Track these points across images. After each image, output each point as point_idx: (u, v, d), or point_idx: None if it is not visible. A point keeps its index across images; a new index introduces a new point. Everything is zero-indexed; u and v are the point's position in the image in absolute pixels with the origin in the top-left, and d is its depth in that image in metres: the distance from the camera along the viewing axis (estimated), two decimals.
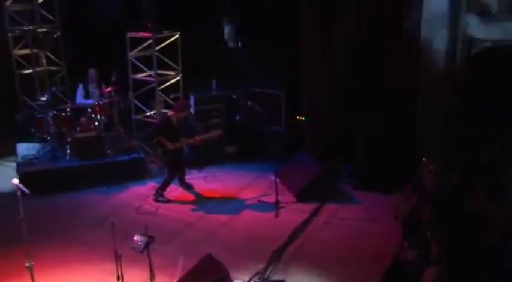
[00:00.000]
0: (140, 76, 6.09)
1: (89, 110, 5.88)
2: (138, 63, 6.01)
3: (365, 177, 5.18)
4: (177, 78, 6.15)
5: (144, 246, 3.31)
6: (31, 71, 6.46)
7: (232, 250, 4.13)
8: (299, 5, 5.54)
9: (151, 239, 3.34)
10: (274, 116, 5.91)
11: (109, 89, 5.91)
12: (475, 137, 4.43)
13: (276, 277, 3.78)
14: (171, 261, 3.95)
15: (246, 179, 5.58)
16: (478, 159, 4.30)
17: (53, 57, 6.67)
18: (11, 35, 6.47)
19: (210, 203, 5.08)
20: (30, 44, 6.40)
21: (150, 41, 5.85)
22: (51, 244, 4.30)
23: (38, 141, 5.93)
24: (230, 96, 6.28)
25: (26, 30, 6.39)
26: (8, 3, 6.34)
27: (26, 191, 3.46)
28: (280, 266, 3.91)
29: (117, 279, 3.37)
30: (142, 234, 3.34)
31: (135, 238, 3.35)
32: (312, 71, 5.68)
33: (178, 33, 6.01)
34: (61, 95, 6.38)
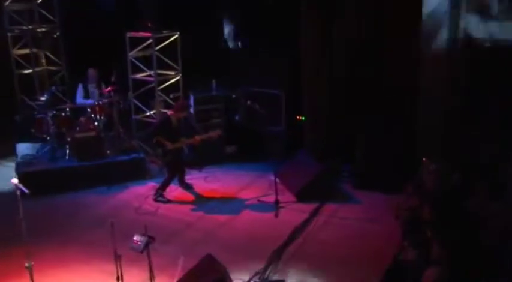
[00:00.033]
0: (140, 76, 6.08)
1: (88, 110, 5.87)
2: (138, 63, 6.00)
3: (365, 177, 5.18)
4: (177, 78, 6.15)
5: (143, 246, 3.30)
6: (30, 71, 6.45)
7: (232, 250, 4.12)
8: (299, 5, 5.54)
9: (151, 239, 3.33)
10: (274, 116, 5.90)
11: (109, 88, 5.89)
12: (475, 137, 4.43)
13: (276, 277, 3.77)
14: (171, 261, 3.95)
15: (245, 179, 5.57)
16: (478, 159, 4.29)
17: (52, 57, 6.66)
18: (10, 34, 6.46)
19: (210, 203, 5.07)
20: (29, 44, 6.39)
21: (150, 40, 5.84)
22: (51, 244, 4.30)
23: (37, 141, 5.92)
24: (230, 96, 6.27)
25: (25, 30, 6.37)
26: (7, 3, 6.33)
27: (26, 191, 3.46)
28: (280, 266, 3.91)
29: (117, 279, 3.36)
30: (142, 234, 3.34)
31: (135, 238, 3.34)
32: (312, 71, 5.68)
33: (178, 33, 6.01)
34: (60, 95, 6.37)
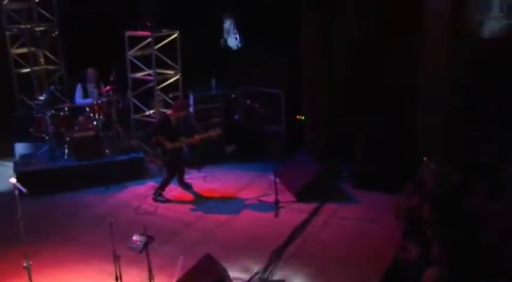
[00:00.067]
0: (139, 75, 6.06)
1: (87, 109, 5.85)
2: (137, 62, 5.98)
3: (365, 177, 5.17)
4: (176, 77, 6.13)
5: (142, 246, 3.28)
6: (29, 70, 6.41)
7: (231, 250, 4.11)
8: (299, 5, 5.54)
9: (150, 238, 3.32)
10: (274, 116, 5.88)
11: (108, 88, 5.86)
12: (475, 137, 4.43)
13: (276, 277, 3.76)
14: (170, 261, 3.95)
15: (245, 179, 5.56)
16: (478, 159, 4.29)
17: (51, 56, 6.63)
18: (8, 33, 6.42)
19: (209, 203, 5.05)
20: (28, 43, 6.35)
21: (149, 39, 5.82)
22: (50, 244, 4.27)
23: (36, 140, 5.89)
24: (229, 95, 6.25)
25: (23, 29, 6.34)
26: (5, 2, 6.29)
27: (24, 190, 3.43)
28: (280, 266, 3.89)
29: (116, 279, 3.34)
30: (141, 234, 3.32)
31: (134, 238, 3.33)
32: (312, 71, 5.67)
33: (177, 32, 5.99)
34: (59, 94, 6.34)
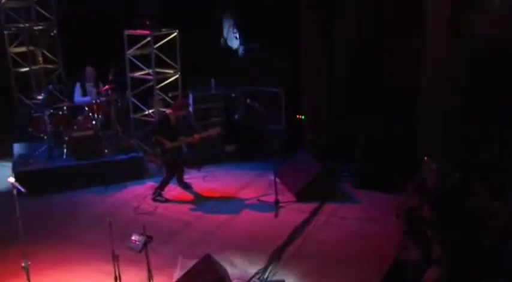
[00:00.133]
0: (138, 74, 6.04)
1: (86, 108, 5.82)
2: (136, 62, 5.96)
3: (365, 177, 5.17)
4: (176, 76, 6.11)
5: (142, 246, 3.26)
6: (27, 69, 6.39)
7: (231, 250, 4.09)
8: (299, 5, 5.53)
9: (149, 238, 3.30)
10: (274, 115, 5.86)
11: (107, 87, 5.84)
12: (475, 137, 4.43)
13: (276, 277, 3.75)
14: (170, 261, 3.94)
15: (245, 179, 5.54)
16: (478, 159, 4.29)
17: (49, 55, 6.60)
18: (6, 32, 6.39)
19: (209, 203, 5.04)
20: (26, 42, 6.32)
21: (148, 38, 5.80)
22: (48, 244, 4.25)
23: (34, 140, 5.85)
24: (229, 94, 6.24)
25: (21, 28, 6.31)
26: (4, 1, 6.26)
27: (22, 190, 3.41)
28: (280, 266, 3.88)
29: (115, 279, 3.32)
30: (140, 234, 3.30)
31: (133, 237, 3.31)
32: (312, 71, 5.67)
33: (177, 31, 5.97)
34: (58, 94, 6.31)
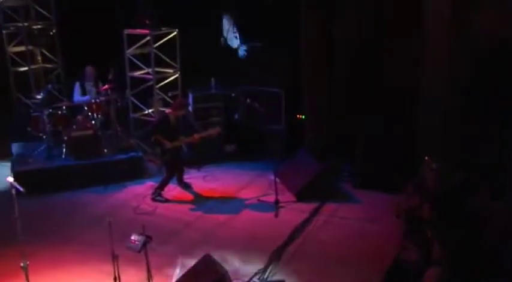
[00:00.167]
0: (138, 74, 6.02)
1: (85, 108, 5.81)
2: (136, 61, 5.94)
3: (365, 176, 5.17)
4: (176, 76, 6.10)
5: (141, 246, 3.25)
6: (26, 69, 6.36)
7: (231, 250, 4.08)
8: (299, 5, 5.52)
9: (148, 238, 3.29)
10: (274, 115, 5.86)
11: (106, 86, 5.83)
12: (475, 137, 4.43)
13: (276, 277, 3.74)
14: (169, 261, 3.93)
15: (245, 178, 5.53)
16: (478, 159, 4.29)
17: (48, 54, 6.57)
18: (5, 31, 6.37)
19: (209, 203, 5.03)
20: (25, 41, 6.29)
21: (148, 38, 5.79)
22: (48, 244, 4.23)
23: (33, 139, 5.82)
24: (229, 94, 6.23)
25: (20, 27, 6.28)
26: (2, 0, 6.24)
27: (21, 190, 3.39)
28: (280, 266, 3.88)
29: (114, 279, 3.30)
30: (140, 234, 3.29)
31: (132, 237, 3.30)
32: (312, 71, 5.66)
33: (176, 30, 5.95)
34: (57, 93, 6.29)
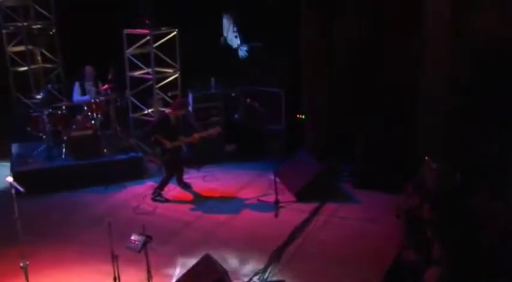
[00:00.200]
0: (137, 74, 6.01)
1: (85, 108, 5.80)
2: (136, 61, 5.94)
3: (365, 176, 5.16)
4: (175, 75, 6.09)
5: (141, 246, 3.25)
6: (26, 69, 6.35)
7: (231, 250, 4.08)
8: (299, 5, 5.52)
9: (148, 238, 3.28)
10: (274, 114, 5.86)
11: (106, 86, 5.82)
12: (475, 137, 4.43)
13: (276, 277, 3.73)
14: (169, 261, 3.92)
15: (245, 178, 5.53)
16: (478, 159, 4.29)
17: (48, 54, 6.57)
18: (5, 31, 6.36)
19: (209, 203, 5.02)
20: (24, 41, 6.28)
21: (148, 37, 5.78)
22: (47, 244, 4.23)
23: (33, 139, 5.81)
24: (229, 94, 6.23)
25: (20, 27, 6.27)
26: None
27: (21, 190, 3.39)
28: (280, 266, 3.87)
29: (114, 280, 3.30)
30: (140, 234, 3.28)
31: (132, 237, 3.29)
32: (312, 71, 5.66)
33: (176, 30, 5.95)
34: (56, 93, 6.29)
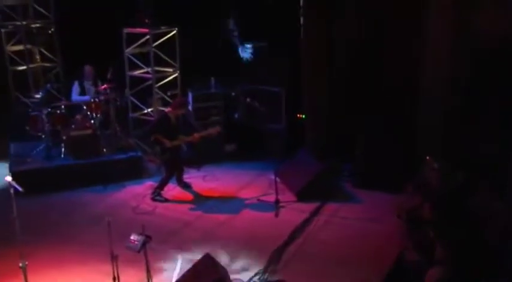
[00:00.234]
0: (137, 73, 6.00)
1: (84, 107, 5.78)
2: (135, 60, 5.92)
3: (365, 176, 5.16)
4: (175, 75, 6.08)
5: (141, 246, 3.23)
6: (25, 68, 6.32)
7: (231, 250, 4.07)
8: (299, 5, 5.52)
9: (148, 238, 3.27)
10: (274, 114, 5.85)
11: (105, 86, 5.80)
12: (475, 137, 4.43)
13: (276, 277, 3.72)
14: (169, 261, 3.90)
15: (245, 178, 5.51)
16: (478, 159, 4.29)
17: (47, 53, 6.54)
18: (3, 30, 6.34)
19: (209, 203, 5.01)
20: (23, 40, 6.26)
21: (147, 37, 5.76)
22: (46, 244, 4.21)
23: (32, 139, 5.78)
24: (229, 93, 6.21)
25: (19, 26, 6.24)
26: None
27: (20, 189, 3.37)
28: (280, 266, 3.86)
29: (114, 280, 3.28)
30: (139, 234, 3.27)
31: (132, 237, 3.28)
32: (312, 71, 5.66)
33: (176, 29, 5.94)
34: (55, 92, 6.26)
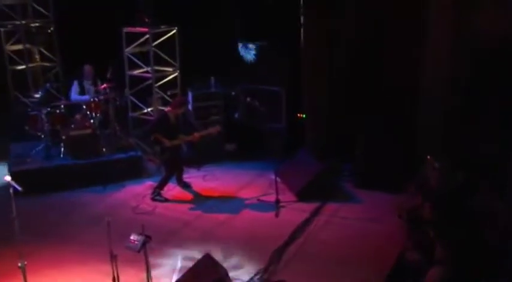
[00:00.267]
0: (137, 72, 5.98)
1: (84, 107, 5.77)
2: (135, 59, 5.91)
3: (366, 176, 5.16)
4: (175, 74, 6.07)
5: (140, 246, 3.23)
6: (24, 67, 6.30)
7: (231, 250, 4.07)
8: (299, 5, 5.51)
9: (148, 238, 3.26)
10: (275, 113, 5.84)
11: (105, 85, 5.79)
12: (475, 137, 4.43)
13: (276, 277, 3.72)
14: (169, 261, 3.90)
15: (245, 178, 5.51)
16: (478, 159, 4.29)
17: (46, 52, 6.52)
18: (3, 29, 6.32)
19: (209, 202, 5.00)
20: (22, 39, 6.24)
21: (147, 36, 5.75)
22: (46, 244, 4.19)
23: (31, 138, 5.77)
24: (229, 93, 6.20)
25: (18, 25, 6.22)
26: None
27: (19, 189, 3.35)
28: (280, 266, 3.86)
29: (113, 280, 3.27)
30: (139, 234, 3.26)
31: (132, 237, 3.27)
32: (312, 71, 5.66)
33: (176, 28, 5.93)
34: (55, 92, 6.25)
